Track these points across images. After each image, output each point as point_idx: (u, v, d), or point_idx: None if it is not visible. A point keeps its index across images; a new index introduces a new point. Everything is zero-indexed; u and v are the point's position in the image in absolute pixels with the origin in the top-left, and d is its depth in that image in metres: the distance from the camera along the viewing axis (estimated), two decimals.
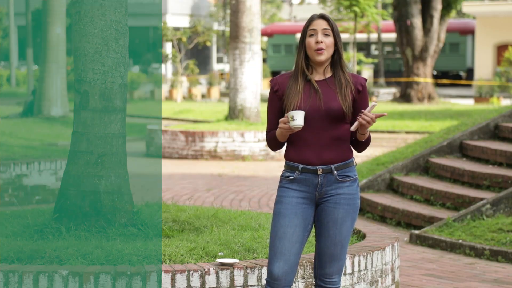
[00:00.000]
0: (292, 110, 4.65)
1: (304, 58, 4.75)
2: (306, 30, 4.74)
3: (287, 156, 4.77)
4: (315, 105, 4.67)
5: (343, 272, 4.79)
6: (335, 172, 4.70)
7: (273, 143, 4.79)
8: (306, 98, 4.68)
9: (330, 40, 4.71)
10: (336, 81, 4.72)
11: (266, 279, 4.71)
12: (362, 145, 4.79)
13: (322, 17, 4.75)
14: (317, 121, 4.66)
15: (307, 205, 4.72)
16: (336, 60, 4.75)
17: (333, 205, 4.72)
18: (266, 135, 4.83)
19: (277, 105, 4.77)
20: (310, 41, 4.71)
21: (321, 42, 4.68)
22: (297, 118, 4.54)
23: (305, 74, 4.74)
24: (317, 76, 4.76)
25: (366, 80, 4.79)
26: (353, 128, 4.64)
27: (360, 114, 4.61)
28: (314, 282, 4.86)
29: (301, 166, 4.70)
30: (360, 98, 4.75)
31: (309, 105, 4.66)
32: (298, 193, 4.71)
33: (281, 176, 4.79)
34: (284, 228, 4.68)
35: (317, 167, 4.69)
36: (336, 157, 4.71)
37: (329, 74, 4.76)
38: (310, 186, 4.70)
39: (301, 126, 4.55)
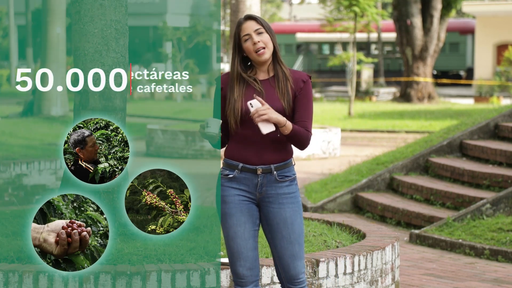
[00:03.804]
0: (236, 117, 4.62)
1: (240, 63, 4.71)
2: (239, 37, 4.71)
3: (227, 153, 4.74)
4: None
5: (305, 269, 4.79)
6: (275, 172, 4.69)
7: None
8: (249, 99, 4.65)
9: (266, 37, 4.67)
10: (276, 77, 4.69)
11: (233, 280, 4.73)
12: (293, 141, 4.68)
13: (249, 17, 4.71)
14: (262, 121, 4.62)
15: (249, 202, 4.72)
16: (277, 53, 4.70)
17: (278, 206, 4.70)
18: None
19: (220, 101, 4.74)
20: (248, 45, 4.68)
21: (258, 41, 4.65)
22: (211, 126, 4.54)
23: (243, 78, 4.69)
24: (261, 75, 4.73)
25: (309, 76, 4.73)
26: (263, 131, 4.56)
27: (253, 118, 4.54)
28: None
29: (241, 164, 4.69)
30: (302, 94, 4.69)
31: None
32: (239, 191, 4.71)
33: (220, 174, 4.77)
34: (234, 228, 4.69)
35: (257, 166, 4.67)
36: (276, 157, 4.68)
37: (273, 72, 4.73)
38: (250, 185, 4.69)
39: (215, 135, 4.54)
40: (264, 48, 4.66)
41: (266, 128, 4.55)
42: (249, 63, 4.76)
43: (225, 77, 4.77)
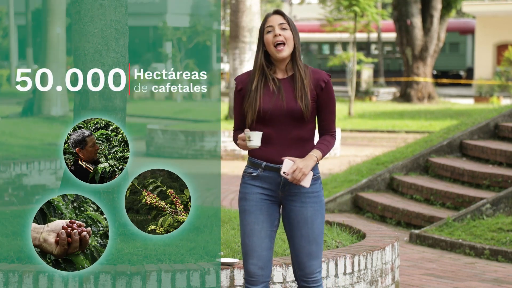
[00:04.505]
0: (253, 111, 4.64)
1: (264, 56, 4.71)
2: (263, 28, 4.71)
3: (251, 152, 4.75)
4: (278, 104, 4.64)
5: (321, 269, 4.79)
6: None
7: (237, 144, 4.79)
8: (269, 97, 4.64)
9: (288, 33, 4.67)
10: (294, 78, 4.69)
11: (244, 278, 4.72)
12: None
13: (277, 12, 4.72)
14: (280, 120, 4.64)
15: (271, 202, 4.72)
16: (296, 52, 4.70)
17: (300, 205, 4.71)
18: (234, 132, 4.83)
19: (242, 104, 4.74)
20: (268, 37, 4.67)
21: (279, 35, 4.64)
22: (254, 139, 4.56)
23: (264, 72, 4.70)
24: (279, 74, 4.72)
25: (329, 75, 4.73)
26: (307, 185, 4.62)
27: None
28: (297, 285, 4.85)
29: (264, 163, 4.69)
30: (323, 95, 4.69)
31: (273, 104, 4.63)
32: (261, 189, 4.71)
33: (244, 172, 4.78)
34: (252, 226, 4.69)
35: (280, 165, 4.68)
36: (299, 156, 4.67)
37: (291, 72, 4.72)
38: (273, 184, 4.70)
39: (258, 147, 4.57)
40: (284, 44, 4.65)
41: (307, 181, 4.60)
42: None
43: (244, 77, 4.76)
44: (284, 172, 4.56)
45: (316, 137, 4.76)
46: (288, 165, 4.56)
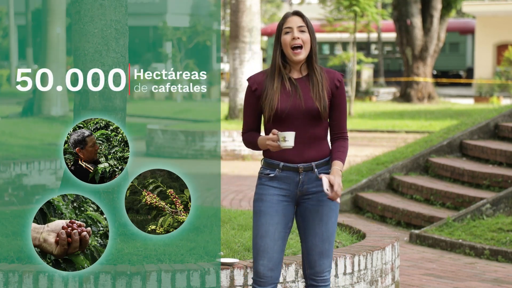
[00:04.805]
0: (271, 110, 4.64)
1: (281, 56, 4.72)
2: (281, 28, 4.71)
3: (266, 153, 4.75)
4: (296, 104, 4.65)
5: (331, 268, 4.80)
6: (316, 169, 4.70)
7: (251, 146, 4.78)
8: (286, 97, 4.66)
9: (306, 36, 4.68)
10: (310, 80, 4.70)
11: (252, 278, 4.72)
12: None
13: (297, 14, 4.72)
14: (297, 119, 4.65)
15: (287, 202, 4.72)
16: (313, 56, 4.71)
17: (316, 203, 4.71)
18: (243, 134, 4.82)
19: (255, 105, 4.74)
20: (286, 38, 4.68)
21: (298, 38, 4.65)
22: (289, 139, 4.54)
23: (281, 72, 4.71)
24: (295, 74, 4.73)
25: (342, 75, 4.75)
26: (339, 200, 4.66)
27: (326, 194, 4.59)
28: (305, 283, 4.85)
29: (282, 164, 4.69)
30: (338, 93, 4.71)
31: (290, 104, 4.65)
32: (278, 190, 4.71)
33: (260, 173, 4.76)
34: (266, 227, 4.68)
35: (298, 165, 4.68)
36: (316, 154, 4.69)
37: (305, 72, 4.74)
38: (291, 184, 4.70)
39: (292, 147, 4.56)
40: (301, 47, 4.66)
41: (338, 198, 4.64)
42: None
43: (259, 77, 4.75)
44: (327, 189, 4.56)
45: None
46: (326, 182, 4.56)
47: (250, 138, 4.77)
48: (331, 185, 4.55)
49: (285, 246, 4.74)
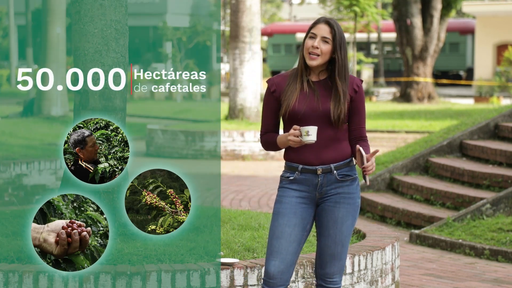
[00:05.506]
0: (288, 109, 4.66)
1: (303, 58, 4.76)
2: (309, 31, 4.76)
3: (286, 156, 4.77)
4: (313, 106, 4.67)
5: (343, 272, 4.79)
6: (335, 171, 4.70)
7: (271, 147, 4.79)
8: (303, 98, 4.68)
9: (327, 47, 4.68)
10: (334, 89, 4.70)
11: (263, 278, 4.71)
12: None
13: (328, 23, 4.72)
14: (315, 121, 4.66)
15: (306, 205, 4.72)
16: (336, 69, 4.69)
17: (333, 205, 4.72)
18: (261, 136, 4.82)
19: (274, 106, 4.75)
20: (308, 42, 4.72)
21: (317, 47, 4.67)
22: (312, 134, 4.55)
23: (303, 74, 4.74)
24: (313, 77, 4.75)
25: (362, 81, 4.79)
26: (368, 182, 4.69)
27: (363, 170, 4.61)
28: (315, 282, 4.86)
29: (300, 166, 4.70)
30: (357, 98, 4.73)
31: (307, 105, 4.66)
32: (298, 193, 4.71)
33: (281, 176, 4.79)
34: (282, 227, 4.68)
35: (317, 167, 4.69)
36: (335, 156, 4.70)
37: (323, 76, 4.75)
38: (310, 186, 4.70)
39: (314, 141, 4.57)
40: (318, 55, 4.68)
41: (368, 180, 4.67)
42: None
43: (279, 79, 4.77)
44: (365, 162, 4.58)
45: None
46: (364, 156, 4.60)
47: (269, 139, 4.77)
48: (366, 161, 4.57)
49: (300, 249, 4.73)
